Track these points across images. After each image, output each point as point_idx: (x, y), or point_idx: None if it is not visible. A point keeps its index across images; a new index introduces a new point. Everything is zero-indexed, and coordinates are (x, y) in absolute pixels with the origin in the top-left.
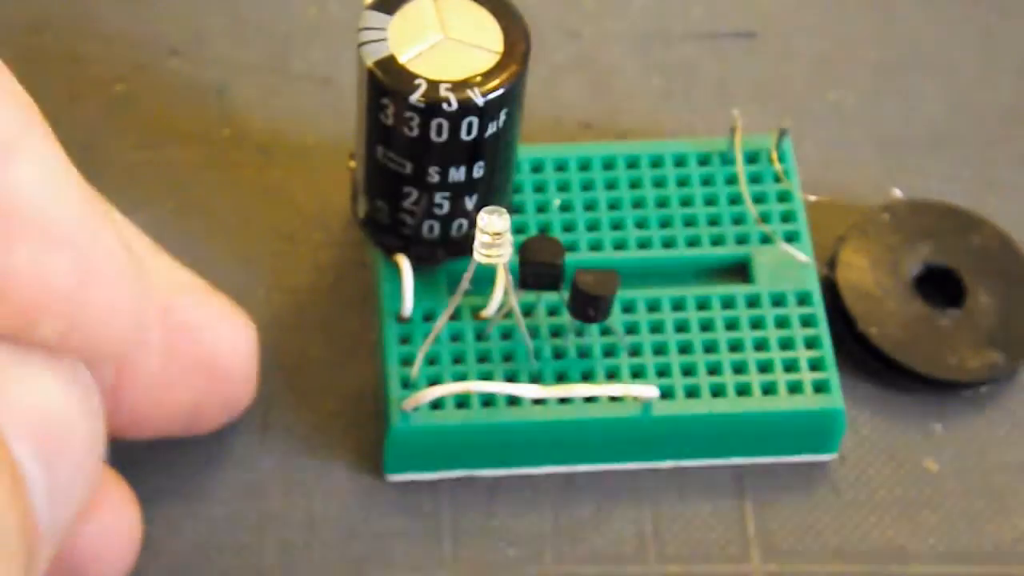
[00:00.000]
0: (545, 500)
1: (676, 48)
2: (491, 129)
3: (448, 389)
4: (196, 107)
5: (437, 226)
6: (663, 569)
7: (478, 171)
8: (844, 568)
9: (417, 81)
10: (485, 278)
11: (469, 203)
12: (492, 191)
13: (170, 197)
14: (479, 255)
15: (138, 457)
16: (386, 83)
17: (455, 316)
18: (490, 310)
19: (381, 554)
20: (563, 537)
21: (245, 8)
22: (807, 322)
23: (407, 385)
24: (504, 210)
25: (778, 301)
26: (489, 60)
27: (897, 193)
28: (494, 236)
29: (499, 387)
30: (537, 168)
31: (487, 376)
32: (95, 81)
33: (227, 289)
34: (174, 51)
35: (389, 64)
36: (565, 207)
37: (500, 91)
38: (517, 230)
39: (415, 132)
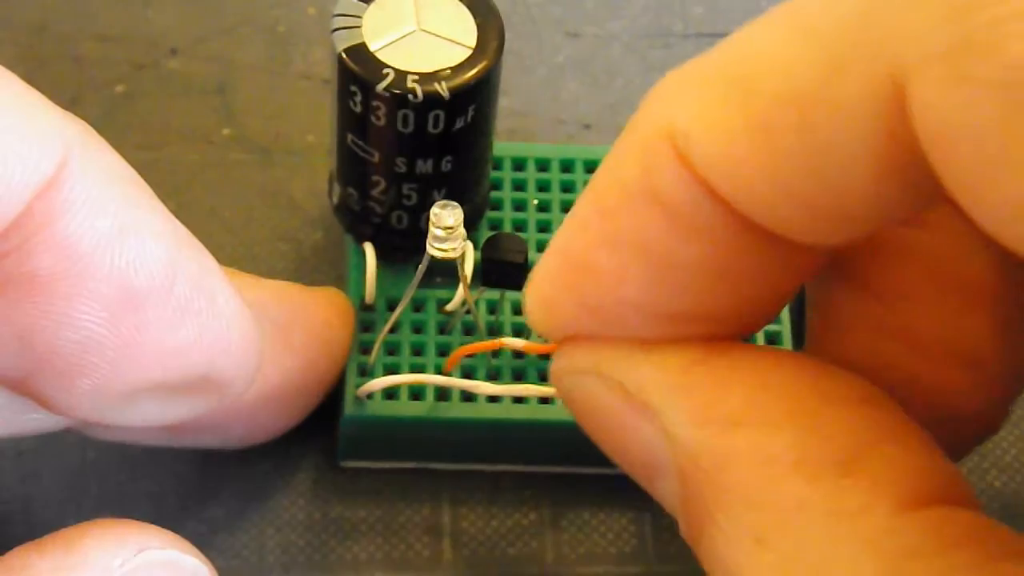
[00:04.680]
0: (545, 500)
1: (676, 48)
2: (459, 124)
3: (401, 379)
4: (196, 107)
5: (406, 217)
6: (663, 569)
7: (446, 165)
8: None
9: (385, 71)
10: (456, 271)
11: (438, 196)
12: (463, 185)
13: (170, 197)
14: (431, 248)
15: (138, 459)
16: (354, 70)
17: (420, 308)
18: (453, 304)
19: (380, 554)
20: (563, 537)
21: (245, 8)
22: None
23: (364, 372)
24: (457, 205)
25: None
26: (460, 55)
27: None
28: (446, 230)
29: (453, 382)
30: (519, 166)
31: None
32: (95, 81)
33: None
34: (174, 51)
35: (359, 52)
36: (543, 207)
37: (468, 86)
38: (492, 227)
39: (382, 121)
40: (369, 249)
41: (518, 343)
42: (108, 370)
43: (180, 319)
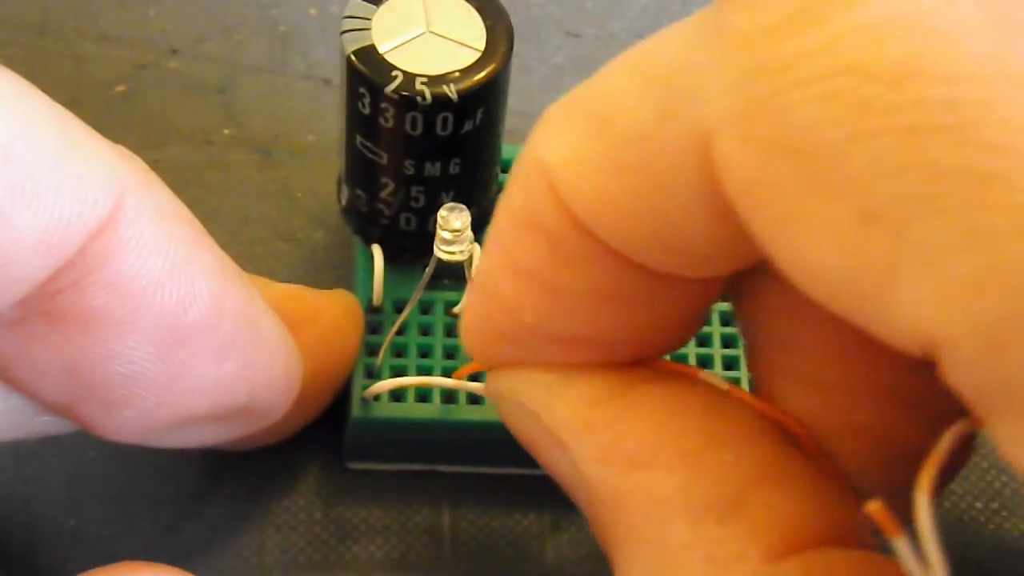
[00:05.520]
0: (545, 500)
1: None
2: (467, 126)
3: (408, 381)
4: (196, 107)
5: (414, 219)
6: None
7: (454, 167)
8: None
9: (394, 73)
10: (464, 273)
11: (446, 198)
12: (471, 188)
13: None
14: (439, 251)
15: (138, 459)
16: (363, 72)
17: (427, 310)
18: (461, 306)
19: (380, 554)
20: (563, 537)
21: (245, 8)
22: None
23: (371, 374)
24: (464, 208)
25: None
26: (469, 57)
27: None
28: (453, 233)
29: (460, 384)
30: None
31: (452, 371)
32: (95, 81)
33: None
34: (174, 51)
35: (368, 54)
36: None
37: (476, 88)
38: None
39: (390, 124)
40: (377, 251)
41: None
42: (154, 402)
43: (226, 353)
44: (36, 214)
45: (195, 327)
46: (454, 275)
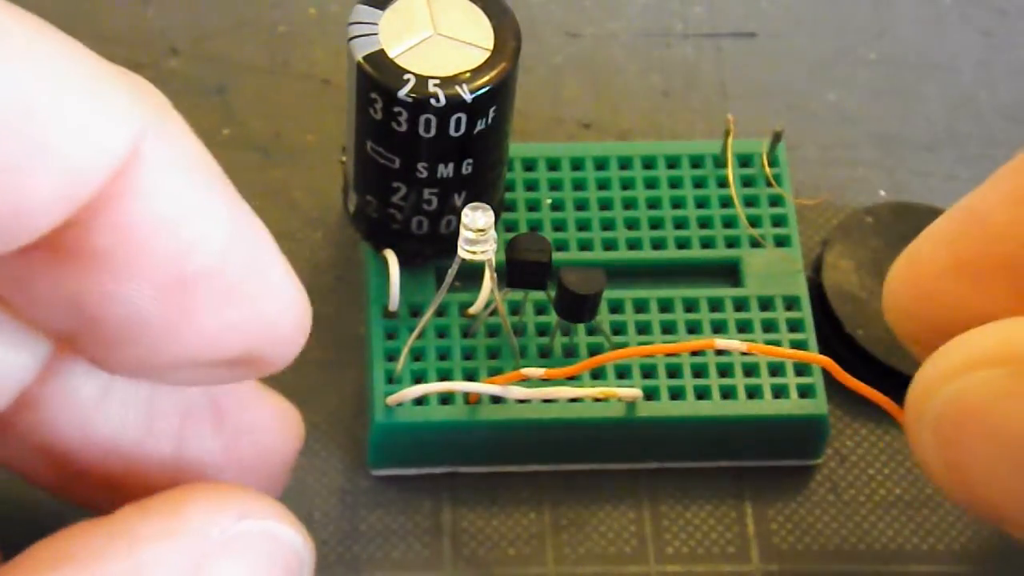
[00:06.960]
0: (545, 500)
1: (676, 48)
2: (480, 126)
3: (431, 388)
4: (196, 107)
5: (426, 222)
6: (663, 569)
7: (467, 168)
8: (844, 568)
9: (406, 76)
10: (475, 274)
11: (458, 200)
12: (482, 188)
13: None
14: (463, 251)
15: None
16: (375, 78)
17: (442, 312)
18: (477, 307)
19: (380, 554)
20: (563, 537)
21: (245, 8)
22: (794, 327)
23: (392, 380)
24: (488, 207)
25: (766, 305)
26: (479, 57)
27: (883, 195)
28: (478, 232)
29: (482, 388)
30: (530, 167)
31: (472, 373)
32: None
33: None
34: (174, 51)
35: (379, 59)
36: (556, 206)
37: (488, 88)
38: (507, 228)
39: (403, 127)
40: (392, 257)
41: (538, 372)
42: (152, 345)
43: (229, 302)
44: (53, 166)
45: (198, 275)
46: (465, 276)
